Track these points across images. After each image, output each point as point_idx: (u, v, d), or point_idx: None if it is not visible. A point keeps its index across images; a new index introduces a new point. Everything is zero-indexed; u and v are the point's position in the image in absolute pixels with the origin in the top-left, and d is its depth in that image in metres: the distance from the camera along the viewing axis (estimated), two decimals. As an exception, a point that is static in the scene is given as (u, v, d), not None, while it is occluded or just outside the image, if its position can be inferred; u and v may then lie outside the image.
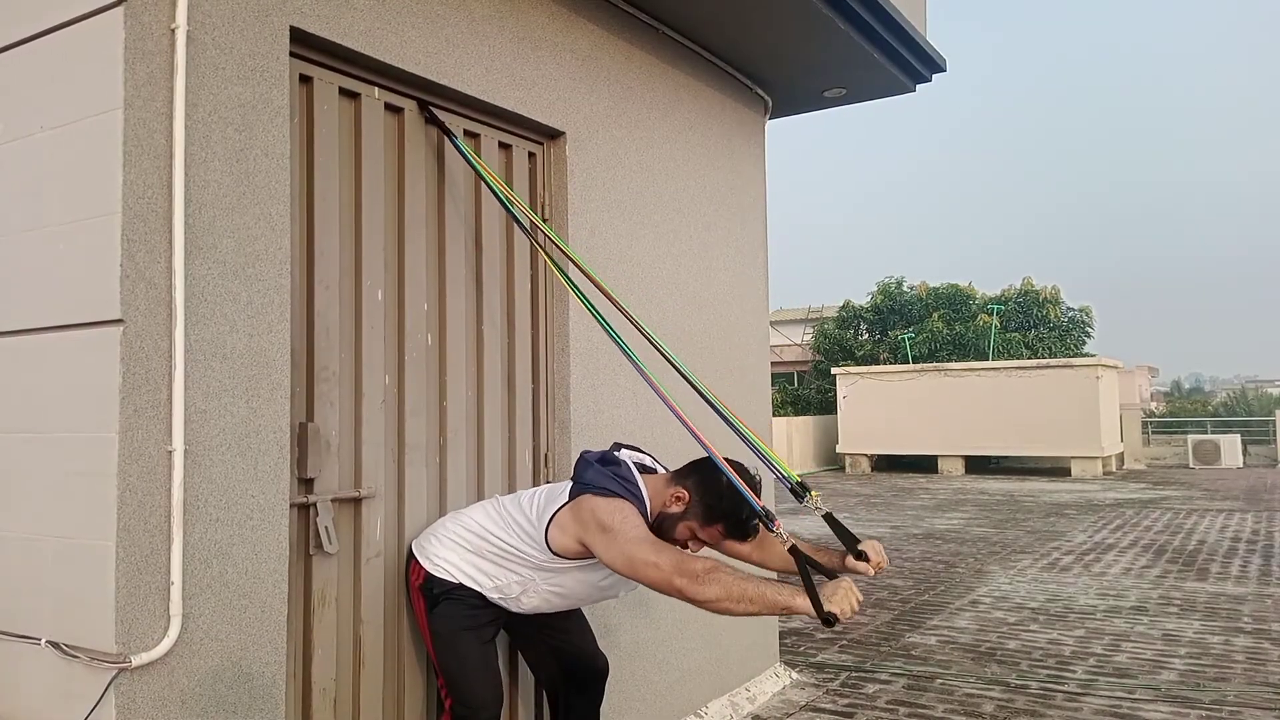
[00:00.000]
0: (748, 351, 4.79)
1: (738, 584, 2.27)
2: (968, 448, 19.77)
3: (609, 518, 2.51)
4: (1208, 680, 4.81)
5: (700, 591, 2.29)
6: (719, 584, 2.28)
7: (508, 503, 2.84)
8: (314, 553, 2.64)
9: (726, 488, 2.54)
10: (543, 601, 2.78)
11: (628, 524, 2.49)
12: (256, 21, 2.45)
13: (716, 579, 2.29)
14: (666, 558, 2.37)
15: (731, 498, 2.55)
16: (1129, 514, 12.29)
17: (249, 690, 2.34)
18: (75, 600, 2.15)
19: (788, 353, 29.90)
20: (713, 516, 2.63)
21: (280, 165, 2.49)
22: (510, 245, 3.42)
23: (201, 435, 2.26)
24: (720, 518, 2.62)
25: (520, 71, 3.35)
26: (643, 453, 2.88)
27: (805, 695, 4.66)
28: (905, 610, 6.61)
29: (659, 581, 2.37)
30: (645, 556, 2.40)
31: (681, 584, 2.31)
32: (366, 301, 2.84)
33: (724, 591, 2.27)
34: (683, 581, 2.31)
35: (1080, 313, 24.27)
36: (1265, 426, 25.86)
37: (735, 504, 2.56)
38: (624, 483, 2.62)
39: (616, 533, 2.47)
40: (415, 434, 2.98)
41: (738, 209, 4.76)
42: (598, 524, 2.52)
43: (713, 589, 2.28)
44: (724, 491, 2.56)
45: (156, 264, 2.19)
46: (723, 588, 2.27)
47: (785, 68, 4.68)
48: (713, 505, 2.61)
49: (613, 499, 2.56)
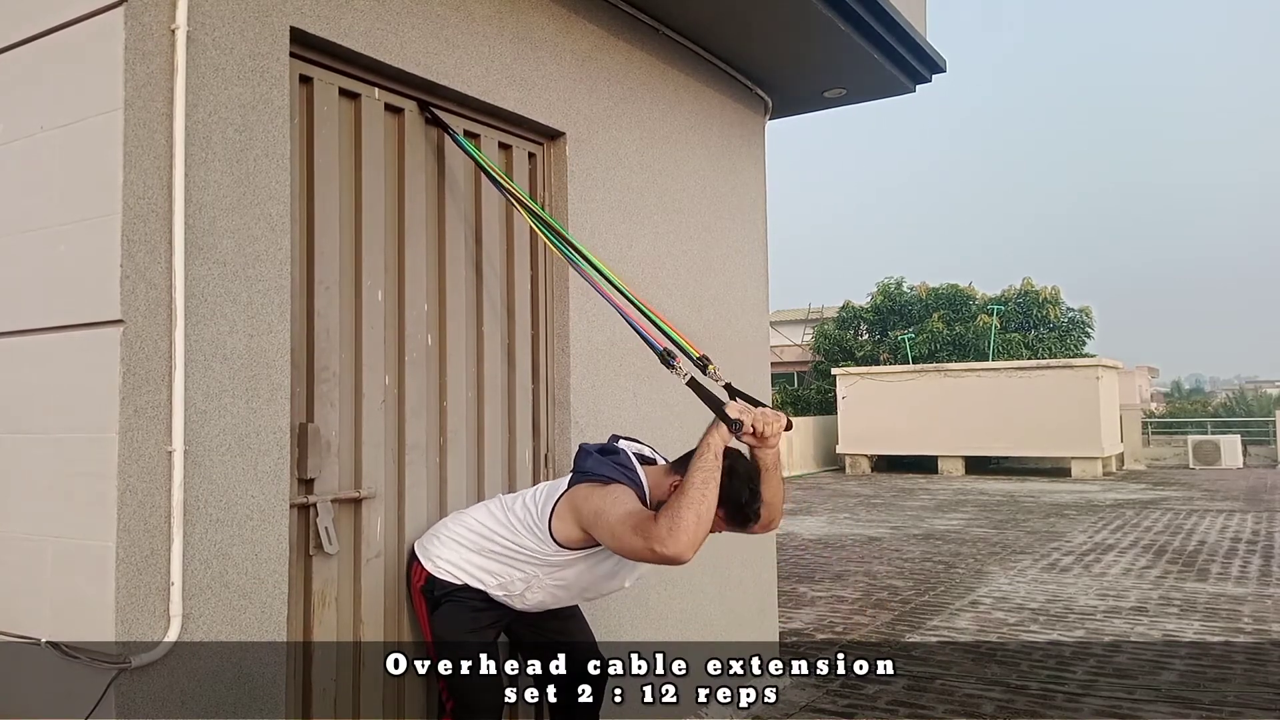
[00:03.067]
0: (748, 351, 4.78)
1: (679, 503, 2.30)
2: (968, 448, 19.76)
3: (601, 501, 2.51)
4: (1208, 680, 4.80)
5: (668, 543, 2.28)
6: (670, 519, 2.29)
7: (509, 501, 2.85)
8: (314, 553, 2.64)
9: (728, 473, 2.52)
10: (548, 596, 2.78)
11: (617, 504, 2.48)
12: (256, 22, 2.45)
13: (666, 518, 2.30)
14: (636, 533, 2.36)
15: (731, 485, 2.52)
16: (1129, 514, 12.28)
17: (249, 690, 2.34)
18: (75, 600, 2.15)
19: (788, 353, 29.90)
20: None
21: (280, 165, 2.49)
22: (510, 245, 3.42)
23: (201, 436, 2.26)
24: (721, 504, 2.58)
25: (520, 72, 3.35)
26: (641, 444, 2.87)
27: (805, 695, 4.65)
28: (905, 611, 6.61)
29: (640, 551, 2.37)
30: (625, 536, 2.41)
31: (653, 546, 2.31)
32: (366, 301, 2.84)
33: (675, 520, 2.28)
34: (654, 544, 2.30)
35: (1080, 313, 24.26)
36: (1265, 427, 25.86)
37: (735, 491, 2.54)
38: (622, 469, 2.62)
39: (606, 514, 2.47)
40: (415, 434, 2.98)
41: (738, 209, 4.76)
42: (592, 509, 2.52)
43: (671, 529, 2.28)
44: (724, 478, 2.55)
45: (156, 264, 2.19)
46: (673, 518, 2.29)
47: (785, 68, 4.68)
48: None
49: (609, 485, 2.56)
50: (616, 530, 2.44)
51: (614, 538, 2.46)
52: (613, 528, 2.45)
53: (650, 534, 2.31)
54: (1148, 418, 27.30)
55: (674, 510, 2.32)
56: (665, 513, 2.33)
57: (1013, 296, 24.41)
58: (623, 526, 2.42)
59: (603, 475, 2.60)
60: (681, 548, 2.29)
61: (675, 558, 2.31)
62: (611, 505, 2.49)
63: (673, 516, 2.31)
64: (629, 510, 2.46)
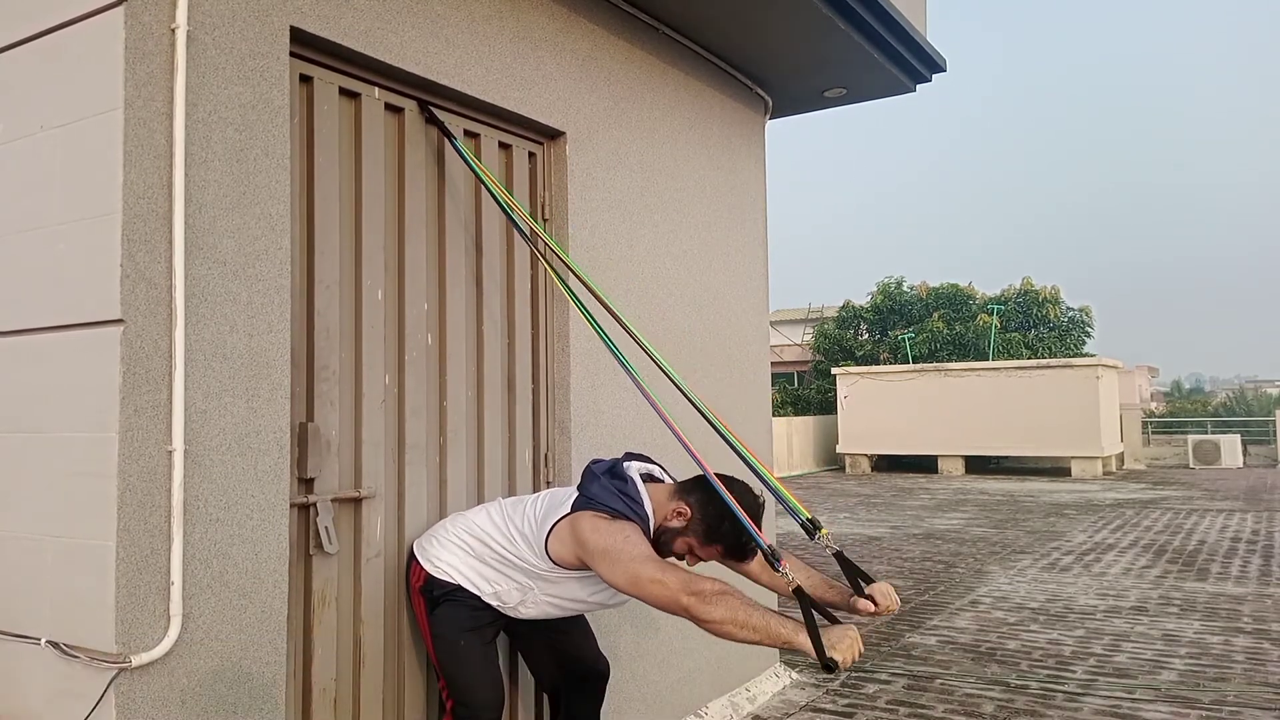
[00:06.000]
0: (748, 351, 4.78)
1: (743, 609, 2.26)
2: (968, 448, 19.76)
3: (610, 539, 2.48)
4: (1208, 680, 4.81)
5: (707, 611, 2.28)
6: (725, 606, 2.27)
7: (510, 507, 2.83)
8: (314, 553, 2.64)
9: (729, 511, 2.52)
10: (540, 612, 2.77)
11: (630, 543, 2.46)
12: (256, 21, 2.45)
13: (723, 601, 2.28)
14: (673, 576, 2.35)
15: (733, 520, 2.52)
16: (1129, 514, 12.28)
17: (249, 690, 2.34)
18: (75, 600, 2.15)
19: (788, 353, 29.90)
20: (712, 537, 2.60)
21: (280, 165, 2.49)
22: (510, 245, 3.42)
23: (201, 435, 2.26)
24: (719, 539, 2.59)
25: (520, 71, 3.35)
26: (652, 463, 2.85)
27: (805, 695, 4.66)
28: (905, 610, 6.61)
29: (664, 599, 2.35)
30: (650, 574, 2.38)
31: (689, 602, 2.29)
32: (366, 301, 2.84)
33: (729, 614, 2.26)
34: (690, 599, 2.29)
35: (1080, 313, 24.27)
36: (1265, 426, 25.87)
37: (736, 527, 2.53)
38: (629, 501, 2.58)
39: (619, 552, 2.44)
40: (415, 434, 2.98)
41: (738, 209, 4.76)
42: (599, 546, 2.48)
43: (719, 610, 2.27)
44: (725, 513, 2.53)
45: (156, 264, 2.19)
46: (728, 610, 2.26)
47: (785, 68, 4.68)
48: (713, 526, 2.58)
49: (614, 520, 2.53)
50: (637, 572, 2.40)
51: (631, 578, 2.41)
52: (630, 570, 2.41)
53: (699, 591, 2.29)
54: (1147, 417, 27.30)
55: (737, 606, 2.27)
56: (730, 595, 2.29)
57: (1013, 296, 24.42)
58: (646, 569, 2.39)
59: (608, 508, 2.56)
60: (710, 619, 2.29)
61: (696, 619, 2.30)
62: (625, 545, 2.45)
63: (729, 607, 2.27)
64: (648, 554, 2.44)
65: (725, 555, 2.65)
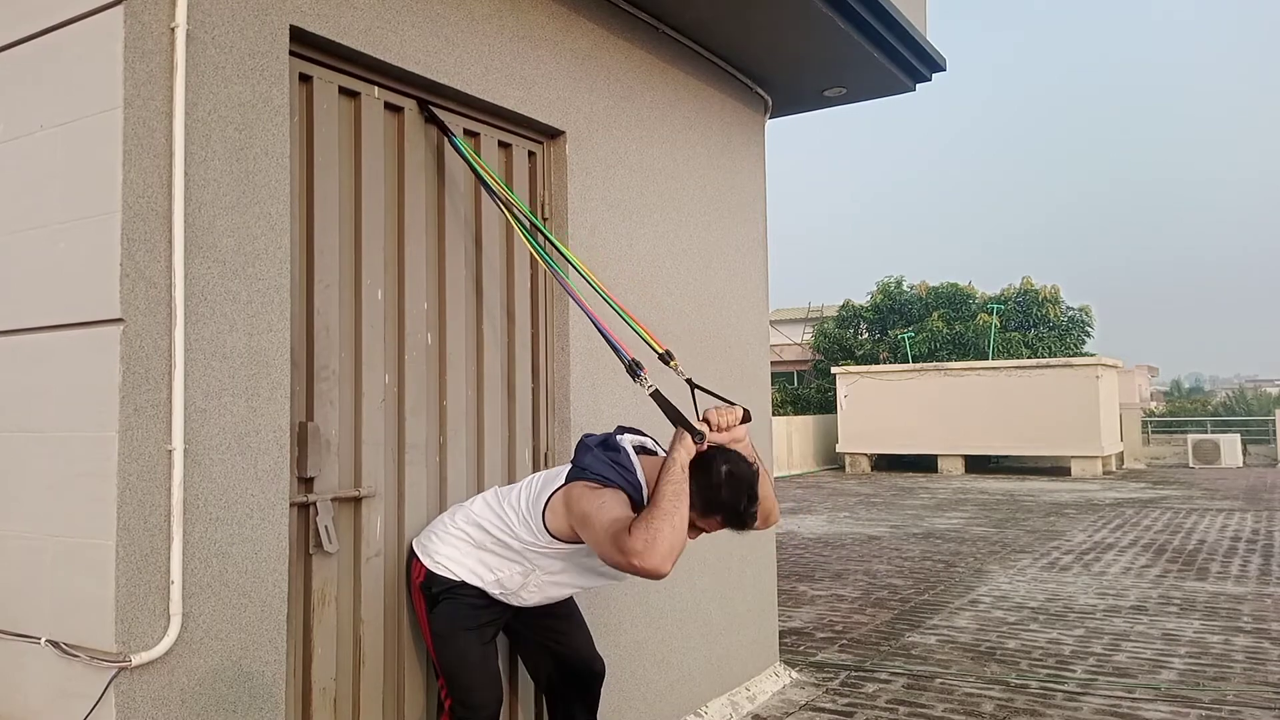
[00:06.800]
0: (748, 350, 4.79)
1: (659, 516, 2.30)
2: (968, 447, 19.77)
3: (589, 505, 2.49)
4: (1207, 680, 4.81)
5: (651, 554, 2.27)
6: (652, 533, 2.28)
7: (505, 492, 2.84)
8: (314, 552, 2.64)
9: (725, 476, 2.51)
10: (544, 596, 2.78)
11: (603, 510, 2.45)
12: (256, 20, 2.45)
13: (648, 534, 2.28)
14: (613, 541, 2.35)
15: (730, 486, 2.50)
16: (1129, 513, 12.29)
17: (249, 690, 2.34)
18: (75, 600, 2.15)
19: (788, 352, 29.89)
20: (711, 507, 2.54)
21: (280, 164, 2.49)
22: (510, 245, 3.42)
23: (201, 435, 2.26)
24: (719, 508, 2.53)
25: (520, 70, 3.35)
26: (644, 435, 2.85)
27: (805, 694, 4.66)
28: (905, 610, 6.61)
29: (619, 563, 2.36)
30: (603, 540, 2.40)
31: (634, 561, 2.29)
32: (366, 301, 2.84)
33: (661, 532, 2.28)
34: (633, 558, 2.29)
35: (1080, 312, 24.27)
36: (1265, 426, 25.88)
37: (734, 494, 2.51)
38: (621, 470, 2.59)
39: (592, 519, 2.46)
40: (415, 433, 2.98)
41: (738, 208, 4.76)
42: (581, 513, 2.51)
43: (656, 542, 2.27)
44: (722, 481, 2.51)
45: (156, 263, 2.19)
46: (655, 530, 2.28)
47: (785, 67, 4.68)
48: (711, 495, 2.53)
49: (601, 489, 2.54)
50: (599, 538, 2.43)
51: (597, 544, 2.45)
52: (596, 536, 2.44)
53: (626, 547, 2.30)
54: (1147, 417, 27.32)
55: (648, 525, 2.31)
56: (639, 527, 2.31)
57: (1012, 295, 24.42)
58: (604, 535, 2.40)
59: (600, 476, 2.57)
60: (657, 561, 2.29)
61: (652, 571, 2.30)
62: (598, 511, 2.46)
63: (648, 531, 2.30)
64: (613, 518, 2.43)
65: (725, 525, 2.59)
